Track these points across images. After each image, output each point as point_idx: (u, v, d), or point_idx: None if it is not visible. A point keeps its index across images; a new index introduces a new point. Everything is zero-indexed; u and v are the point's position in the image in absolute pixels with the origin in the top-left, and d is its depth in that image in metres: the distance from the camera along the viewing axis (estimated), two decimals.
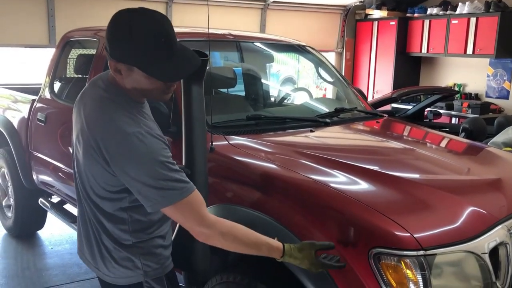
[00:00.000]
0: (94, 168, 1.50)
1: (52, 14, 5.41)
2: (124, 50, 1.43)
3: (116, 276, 1.63)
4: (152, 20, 1.43)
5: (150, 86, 1.48)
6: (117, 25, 1.45)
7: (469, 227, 1.73)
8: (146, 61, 1.43)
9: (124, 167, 1.43)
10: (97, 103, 1.52)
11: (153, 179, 1.42)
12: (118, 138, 1.43)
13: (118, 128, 1.43)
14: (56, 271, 3.64)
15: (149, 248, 1.63)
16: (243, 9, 6.61)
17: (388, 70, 7.15)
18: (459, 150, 2.86)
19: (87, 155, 1.50)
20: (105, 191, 1.54)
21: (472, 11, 6.11)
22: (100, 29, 3.35)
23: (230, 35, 3.20)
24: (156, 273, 1.65)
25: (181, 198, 1.45)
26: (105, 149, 1.45)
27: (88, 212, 1.61)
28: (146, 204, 1.48)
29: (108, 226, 1.59)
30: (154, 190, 1.43)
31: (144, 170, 1.42)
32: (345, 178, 1.98)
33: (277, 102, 3.65)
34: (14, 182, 3.98)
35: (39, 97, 3.68)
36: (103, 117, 1.48)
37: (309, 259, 1.59)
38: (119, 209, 1.57)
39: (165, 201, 1.45)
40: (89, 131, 1.49)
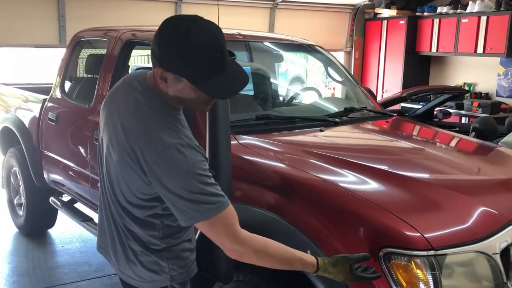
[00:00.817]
0: (129, 175, 1.47)
1: (63, 14, 5.46)
2: (176, 60, 1.36)
3: (141, 280, 1.61)
4: (210, 33, 1.37)
5: (195, 98, 1.43)
6: (172, 34, 1.36)
7: (480, 227, 1.73)
8: (199, 76, 1.37)
9: (162, 178, 1.40)
10: (135, 109, 1.47)
11: (190, 192, 1.39)
12: (158, 150, 1.39)
13: (158, 139, 1.40)
14: (66, 269, 3.67)
15: (177, 252, 1.61)
16: (252, 8, 6.62)
17: (397, 70, 7.12)
18: (469, 149, 2.84)
19: (122, 161, 1.47)
20: (137, 198, 1.51)
21: (483, 10, 6.06)
22: (111, 29, 3.37)
23: (239, 35, 3.20)
24: (182, 277, 1.63)
25: (216, 213, 1.42)
26: (143, 158, 1.41)
27: (115, 215, 1.59)
28: (181, 217, 1.45)
29: (137, 231, 1.56)
30: (190, 204, 1.40)
31: (182, 183, 1.39)
32: (355, 178, 1.98)
33: (286, 102, 3.65)
34: (26, 181, 4.02)
35: (50, 96, 3.71)
36: (143, 127, 1.43)
37: (343, 273, 1.54)
38: (150, 215, 1.54)
39: (200, 216, 1.42)
40: (126, 138, 1.45)
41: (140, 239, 1.57)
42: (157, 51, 1.39)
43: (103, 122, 1.60)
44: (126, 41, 3.05)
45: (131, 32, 3.11)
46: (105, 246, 1.71)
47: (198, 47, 1.34)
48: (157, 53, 1.39)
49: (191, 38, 1.33)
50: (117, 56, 3.06)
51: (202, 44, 1.34)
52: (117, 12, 5.67)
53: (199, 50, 1.34)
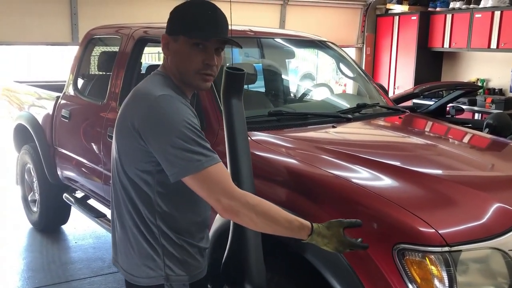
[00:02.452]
0: (124, 142, 1.52)
1: (75, 12, 5.50)
2: (175, 22, 1.57)
3: (138, 276, 1.59)
4: (208, 4, 1.59)
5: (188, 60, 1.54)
6: (177, 8, 1.60)
7: (495, 223, 1.71)
8: (191, 27, 1.53)
9: (151, 130, 1.44)
10: (141, 83, 1.61)
11: (180, 140, 1.41)
12: (146, 102, 1.47)
13: (147, 92, 1.50)
14: (80, 265, 3.71)
15: (176, 252, 1.58)
16: (263, 5, 6.61)
17: (409, 66, 7.07)
18: (483, 146, 2.82)
19: (119, 132, 1.54)
20: (134, 168, 1.52)
21: (496, 5, 5.99)
22: (123, 27, 3.39)
23: (251, 31, 3.20)
24: (179, 279, 1.60)
25: (208, 165, 1.41)
26: (134, 115, 1.48)
27: (121, 204, 1.59)
28: (170, 171, 1.43)
29: (135, 219, 1.56)
30: (181, 152, 1.40)
31: (171, 132, 1.41)
32: (368, 174, 1.97)
33: (298, 98, 3.64)
34: (39, 177, 4.06)
35: (63, 94, 3.74)
36: (138, 88, 1.57)
37: (337, 237, 1.50)
38: (145, 197, 1.54)
39: (192, 167, 1.41)
40: (124, 105, 1.56)
41: (140, 228, 1.56)
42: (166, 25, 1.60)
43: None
44: (138, 38, 3.07)
45: (143, 30, 3.13)
46: (116, 256, 1.69)
47: (195, 10, 1.56)
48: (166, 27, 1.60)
49: (190, 6, 1.58)
50: (130, 53, 3.08)
51: (199, 9, 1.56)
52: (129, 9, 5.69)
53: (195, 12, 1.55)
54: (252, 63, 3.39)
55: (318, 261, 1.74)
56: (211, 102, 2.45)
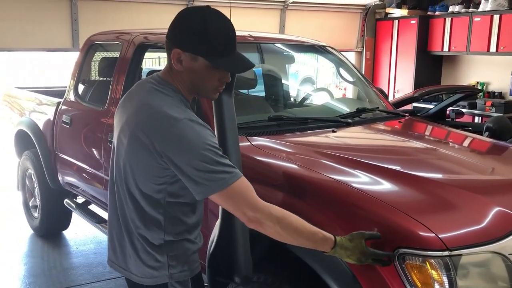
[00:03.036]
0: (140, 156, 1.53)
1: (76, 18, 5.51)
2: (194, 40, 1.50)
3: (142, 276, 1.65)
4: (222, 17, 1.54)
5: (207, 78, 1.55)
6: (191, 18, 1.52)
7: (495, 227, 1.71)
8: (213, 52, 1.50)
9: (175, 154, 1.46)
10: (146, 94, 1.57)
11: (204, 163, 1.44)
12: (167, 125, 1.47)
13: (167, 115, 1.48)
14: (81, 270, 3.71)
15: (178, 250, 1.64)
16: (263, 10, 6.63)
17: (409, 69, 7.08)
18: (483, 149, 2.82)
19: (133, 143, 1.53)
20: (146, 181, 1.55)
21: (495, 8, 6.00)
22: (123, 33, 3.41)
23: (251, 36, 3.22)
24: (182, 275, 1.66)
25: (232, 182, 1.46)
26: (154, 136, 1.48)
27: (124, 209, 1.63)
28: (197, 190, 1.48)
29: (142, 223, 1.60)
30: (205, 174, 1.44)
31: (195, 155, 1.44)
32: (368, 179, 1.98)
33: (298, 103, 3.65)
34: (40, 183, 4.07)
35: (64, 99, 3.75)
36: (151, 104, 1.52)
37: (359, 248, 1.56)
38: (155, 205, 1.58)
39: (217, 186, 1.45)
40: (135, 119, 1.53)
41: (143, 234, 1.61)
42: (174, 35, 1.54)
43: (117, 120, 1.66)
44: (139, 44, 3.08)
45: (143, 35, 3.14)
46: (112, 253, 1.74)
47: (214, 28, 1.50)
48: (174, 37, 1.53)
49: (206, 21, 1.50)
50: (130, 59, 3.09)
51: (216, 26, 1.51)
52: (129, 15, 5.71)
53: (215, 30, 1.50)
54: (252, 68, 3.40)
55: (319, 266, 1.74)
56: (211, 108, 2.46)
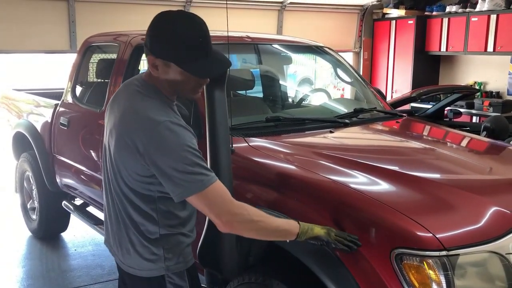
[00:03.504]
0: (126, 158, 1.57)
1: (73, 20, 5.51)
2: (164, 47, 1.53)
3: (139, 268, 1.69)
4: (193, 22, 1.56)
5: (183, 82, 1.57)
6: (161, 25, 1.56)
7: (492, 227, 1.72)
8: (184, 58, 1.53)
9: (155, 155, 1.50)
10: (131, 97, 1.62)
11: (184, 165, 1.48)
12: (149, 128, 1.51)
13: (149, 118, 1.52)
14: (79, 272, 3.70)
15: (173, 243, 1.68)
16: (260, 11, 6.63)
17: (406, 70, 7.09)
18: (480, 149, 2.82)
19: (120, 146, 1.57)
20: (135, 181, 1.59)
21: (492, 8, 6.02)
22: (120, 34, 3.41)
23: (248, 37, 3.22)
24: (178, 267, 1.70)
25: (209, 184, 1.51)
26: (138, 138, 1.52)
27: (119, 205, 1.67)
28: (175, 192, 1.52)
29: (137, 218, 1.64)
30: (184, 175, 1.48)
31: (175, 157, 1.48)
32: (365, 179, 1.98)
33: (296, 103, 3.65)
34: (38, 185, 4.06)
35: (62, 101, 3.75)
36: (135, 108, 1.57)
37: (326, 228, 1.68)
38: (147, 201, 1.62)
39: (195, 187, 1.49)
40: (121, 122, 1.58)
41: (139, 228, 1.65)
42: (148, 41, 1.57)
43: (106, 121, 1.72)
44: (136, 45, 3.08)
45: (140, 37, 3.14)
46: (109, 238, 1.79)
47: (182, 33, 1.52)
48: (148, 43, 1.57)
49: (177, 26, 1.53)
50: (127, 61, 3.09)
51: (186, 31, 1.52)
52: (126, 17, 5.71)
53: (183, 35, 1.51)
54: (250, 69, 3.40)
55: (316, 266, 1.74)
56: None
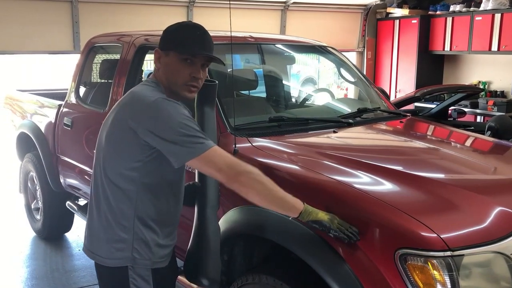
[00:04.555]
0: (120, 139, 1.66)
1: (77, 20, 5.53)
2: (167, 39, 1.77)
3: (106, 257, 1.73)
4: (196, 24, 1.81)
5: (177, 72, 1.72)
6: (169, 27, 1.81)
7: (497, 227, 1.71)
8: (182, 44, 1.72)
9: (155, 126, 1.60)
10: (133, 88, 1.79)
11: (183, 130, 1.59)
12: (146, 103, 1.64)
13: (144, 96, 1.67)
14: (83, 272, 3.71)
15: (146, 237, 1.71)
16: (263, 11, 6.63)
17: (410, 69, 7.07)
18: (485, 149, 2.81)
19: (115, 128, 1.69)
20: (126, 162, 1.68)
21: (497, 7, 6.00)
22: (124, 35, 3.41)
23: (251, 37, 3.21)
24: (143, 263, 1.73)
25: (210, 147, 1.61)
26: (135, 115, 1.64)
27: (100, 192, 1.73)
28: (177, 156, 1.61)
29: (113, 201, 1.69)
30: (187, 139, 1.59)
31: (174, 123, 1.60)
32: (369, 179, 1.97)
33: (299, 103, 3.65)
34: (42, 185, 4.07)
35: (65, 102, 3.76)
36: (133, 91, 1.74)
37: (330, 215, 1.69)
38: (131, 183, 1.68)
39: (199, 149, 1.59)
40: (118, 105, 1.73)
41: (114, 211, 1.69)
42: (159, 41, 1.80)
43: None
44: (139, 46, 3.08)
45: (144, 37, 3.14)
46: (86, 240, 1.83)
47: (184, 29, 1.78)
48: (159, 42, 1.80)
49: (180, 25, 1.80)
50: (131, 61, 3.09)
51: (187, 27, 1.79)
52: (130, 17, 5.72)
53: (184, 30, 1.77)
54: (253, 69, 3.40)
55: (320, 267, 1.74)
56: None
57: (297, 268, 1.88)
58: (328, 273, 1.70)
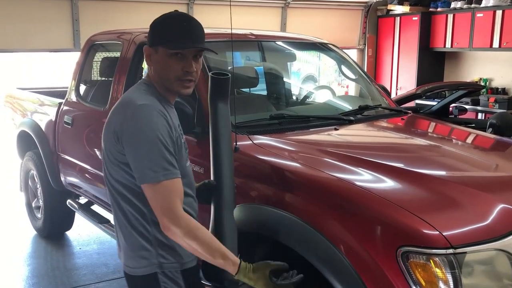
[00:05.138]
0: (110, 148, 1.63)
1: (77, 18, 5.51)
2: (154, 35, 1.68)
3: (133, 266, 1.69)
4: (180, 14, 1.70)
5: (168, 67, 1.64)
6: (154, 21, 1.70)
7: (499, 224, 1.70)
8: (169, 38, 1.64)
9: (128, 136, 1.56)
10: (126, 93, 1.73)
11: (149, 150, 1.53)
12: (127, 110, 1.59)
13: (129, 101, 1.62)
14: (84, 270, 3.71)
15: (167, 240, 1.66)
16: (264, 8, 6.61)
17: (411, 66, 7.05)
18: (486, 146, 2.80)
19: (105, 136, 1.66)
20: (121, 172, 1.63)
21: (498, 4, 5.97)
22: (124, 32, 3.40)
23: (252, 34, 3.20)
24: (172, 266, 1.69)
25: (166, 179, 1.54)
26: (116, 121, 1.60)
27: (113, 199, 1.70)
28: (136, 175, 1.57)
29: (130, 212, 1.66)
30: (146, 162, 1.53)
31: (143, 143, 1.54)
32: (371, 176, 1.96)
33: (300, 101, 3.64)
34: (43, 184, 4.07)
35: (66, 100, 3.75)
36: (122, 97, 1.69)
37: (262, 280, 1.60)
38: (136, 195, 1.63)
39: (151, 176, 1.53)
40: (112, 112, 1.67)
41: (133, 223, 1.66)
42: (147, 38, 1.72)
43: None
44: (140, 43, 3.07)
45: (144, 35, 3.13)
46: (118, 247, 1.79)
47: (170, 21, 1.67)
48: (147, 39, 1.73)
49: (166, 18, 1.68)
50: (131, 59, 3.08)
51: (173, 19, 1.67)
52: (130, 15, 5.71)
53: (170, 23, 1.67)
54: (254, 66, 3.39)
55: (322, 265, 1.73)
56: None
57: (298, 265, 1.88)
58: (330, 271, 1.70)
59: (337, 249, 1.69)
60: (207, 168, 1.98)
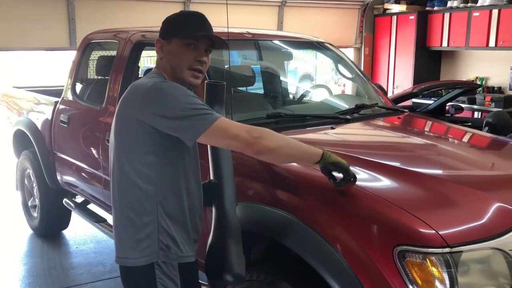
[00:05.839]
0: (128, 133, 1.67)
1: (73, 17, 5.50)
2: (168, 28, 1.78)
3: (134, 257, 1.70)
4: (193, 12, 1.84)
5: (181, 56, 1.72)
6: (168, 17, 1.81)
7: (495, 223, 1.70)
8: (183, 29, 1.73)
9: (160, 107, 1.60)
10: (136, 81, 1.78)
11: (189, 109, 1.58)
12: (146, 89, 1.64)
13: (144, 83, 1.67)
14: (81, 270, 3.70)
15: (170, 230, 1.70)
16: (260, 7, 6.61)
17: (408, 65, 7.07)
18: (482, 145, 2.81)
19: (121, 123, 1.70)
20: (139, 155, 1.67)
21: (494, 3, 5.98)
22: (120, 31, 3.39)
23: (248, 33, 3.20)
24: (171, 257, 1.71)
25: (218, 117, 1.60)
26: (138, 103, 1.64)
27: (119, 194, 1.72)
28: (188, 134, 1.60)
29: (134, 200, 1.68)
30: (194, 116, 1.58)
31: (178, 104, 1.59)
32: (367, 175, 1.97)
33: (297, 100, 3.64)
34: (39, 182, 4.06)
35: (62, 99, 3.74)
36: (133, 83, 1.74)
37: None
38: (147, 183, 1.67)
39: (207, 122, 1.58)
40: (122, 100, 1.72)
41: (136, 212, 1.68)
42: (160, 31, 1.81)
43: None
44: (136, 42, 3.06)
45: (140, 33, 3.13)
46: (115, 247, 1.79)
47: (183, 14, 1.82)
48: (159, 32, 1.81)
49: (180, 13, 1.83)
50: (127, 57, 3.07)
51: (186, 13, 1.84)
52: (126, 13, 5.69)
53: (183, 15, 1.82)
54: (250, 65, 3.39)
55: (319, 264, 1.73)
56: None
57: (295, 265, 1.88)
58: (327, 270, 1.70)
59: (334, 248, 1.69)
60: (206, 168, 1.98)
